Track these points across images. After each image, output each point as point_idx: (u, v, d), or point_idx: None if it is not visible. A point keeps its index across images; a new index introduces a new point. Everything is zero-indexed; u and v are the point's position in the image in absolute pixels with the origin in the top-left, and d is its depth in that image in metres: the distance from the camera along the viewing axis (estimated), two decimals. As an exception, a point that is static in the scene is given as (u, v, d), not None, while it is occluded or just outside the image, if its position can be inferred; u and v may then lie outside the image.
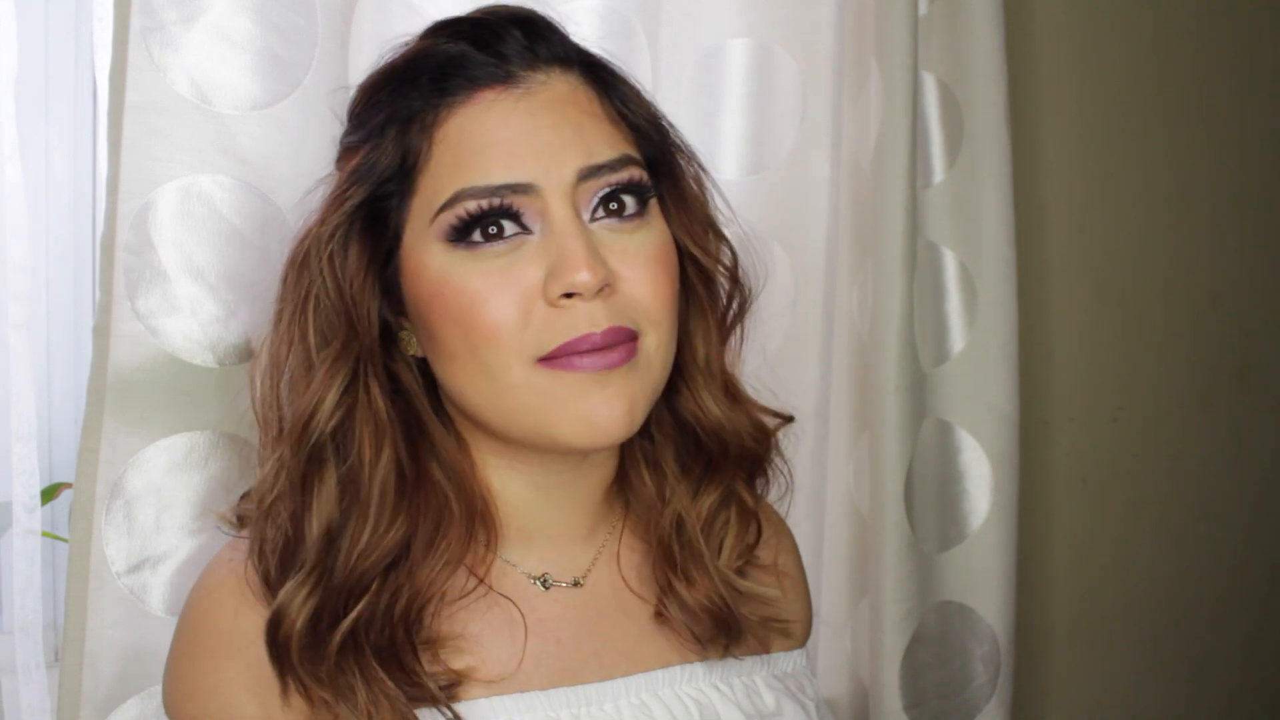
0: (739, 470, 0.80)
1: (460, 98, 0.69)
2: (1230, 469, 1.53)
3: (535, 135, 0.68)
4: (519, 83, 0.70)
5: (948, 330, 1.22)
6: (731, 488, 0.79)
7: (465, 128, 0.69)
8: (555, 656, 0.73)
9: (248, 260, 0.87)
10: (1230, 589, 1.54)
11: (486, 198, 0.67)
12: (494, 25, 0.71)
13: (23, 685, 0.91)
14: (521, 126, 0.68)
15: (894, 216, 1.13)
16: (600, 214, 0.70)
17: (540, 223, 0.68)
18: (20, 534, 0.90)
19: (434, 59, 0.71)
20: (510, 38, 0.70)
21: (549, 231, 0.68)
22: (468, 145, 0.68)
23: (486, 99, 0.69)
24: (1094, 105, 1.44)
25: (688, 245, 0.76)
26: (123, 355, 0.84)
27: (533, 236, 0.68)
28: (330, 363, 0.70)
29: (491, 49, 0.70)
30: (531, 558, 0.76)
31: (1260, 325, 1.54)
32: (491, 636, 0.72)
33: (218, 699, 0.67)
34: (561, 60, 0.72)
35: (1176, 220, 1.49)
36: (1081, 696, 1.48)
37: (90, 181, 1.15)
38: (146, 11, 0.83)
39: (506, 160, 0.68)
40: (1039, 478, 1.41)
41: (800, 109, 1.15)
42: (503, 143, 0.68)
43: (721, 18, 1.12)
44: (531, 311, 0.67)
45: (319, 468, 0.69)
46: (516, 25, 0.71)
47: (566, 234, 0.67)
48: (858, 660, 1.25)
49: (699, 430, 0.78)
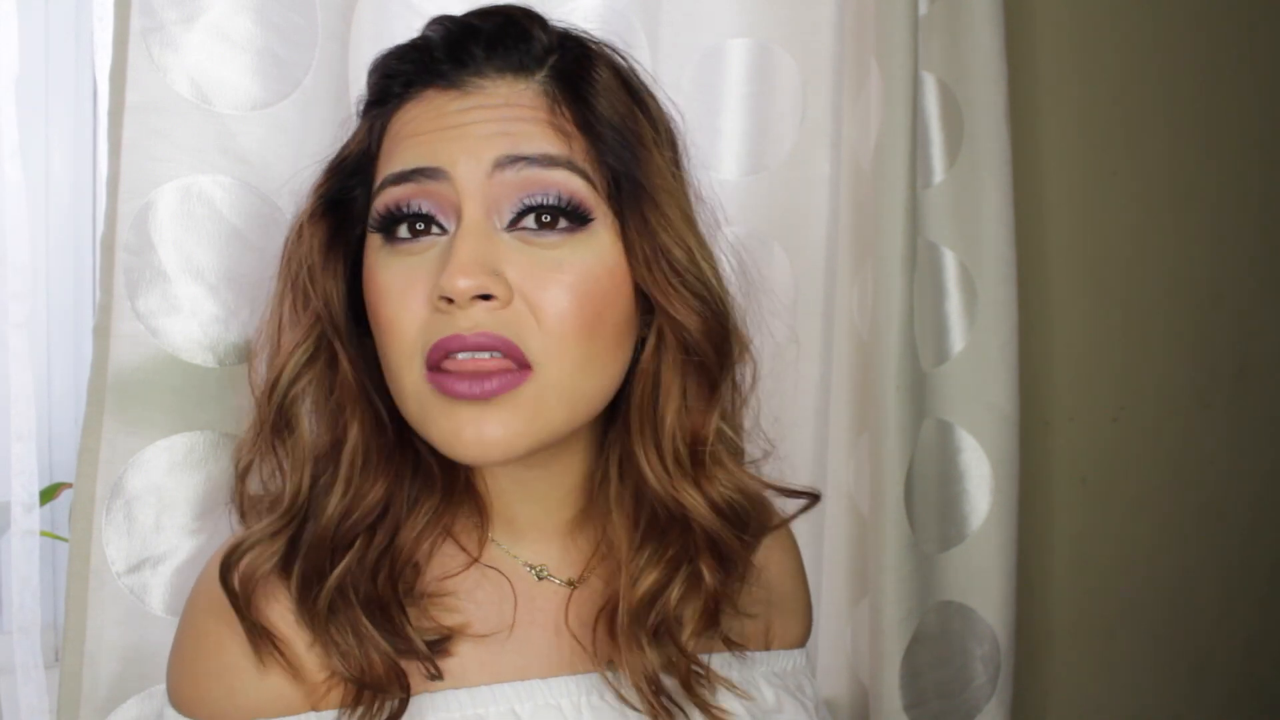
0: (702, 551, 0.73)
1: (412, 94, 0.70)
2: (1230, 469, 1.53)
3: (459, 128, 0.67)
4: (465, 85, 0.69)
5: (948, 330, 1.22)
6: (693, 567, 0.72)
7: (402, 119, 0.70)
8: (554, 644, 0.73)
9: (248, 260, 0.87)
10: (1230, 589, 1.54)
11: (398, 183, 0.67)
12: (466, 26, 0.71)
13: (22, 685, 0.91)
14: (448, 120, 0.68)
15: (894, 216, 1.13)
16: (527, 224, 0.66)
17: (454, 223, 0.67)
18: (19, 534, 0.90)
19: (404, 58, 0.72)
20: (473, 41, 0.70)
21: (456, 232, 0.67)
22: (399, 135, 0.69)
23: (432, 96, 0.69)
24: (1094, 105, 1.44)
25: (652, 292, 0.69)
26: (123, 355, 0.84)
27: (444, 237, 0.67)
28: (298, 333, 0.72)
29: (453, 50, 0.70)
30: (523, 548, 0.76)
31: (1260, 325, 1.54)
32: (484, 598, 0.73)
33: (222, 684, 0.67)
34: (518, 68, 0.70)
35: (1176, 220, 1.49)
36: (1081, 696, 1.48)
37: (90, 181, 1.15)
38: (146, 11, 0.83)
39: (424, 147, 0.68)
40: (1039, 478, 1.41)
41: (800, 109, 1.15)
42: (426, 132, 0.68)
43: (721, 18, 1.12)
44: (430, 316, 0.66)
45: (286, 430, 0.71)
46: (488, 28, 0.71)
47: (463, 235, 0.65)
48: (858, 660, 1.25)
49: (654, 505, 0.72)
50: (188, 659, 0.69)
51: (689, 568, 0.73)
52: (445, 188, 0.66)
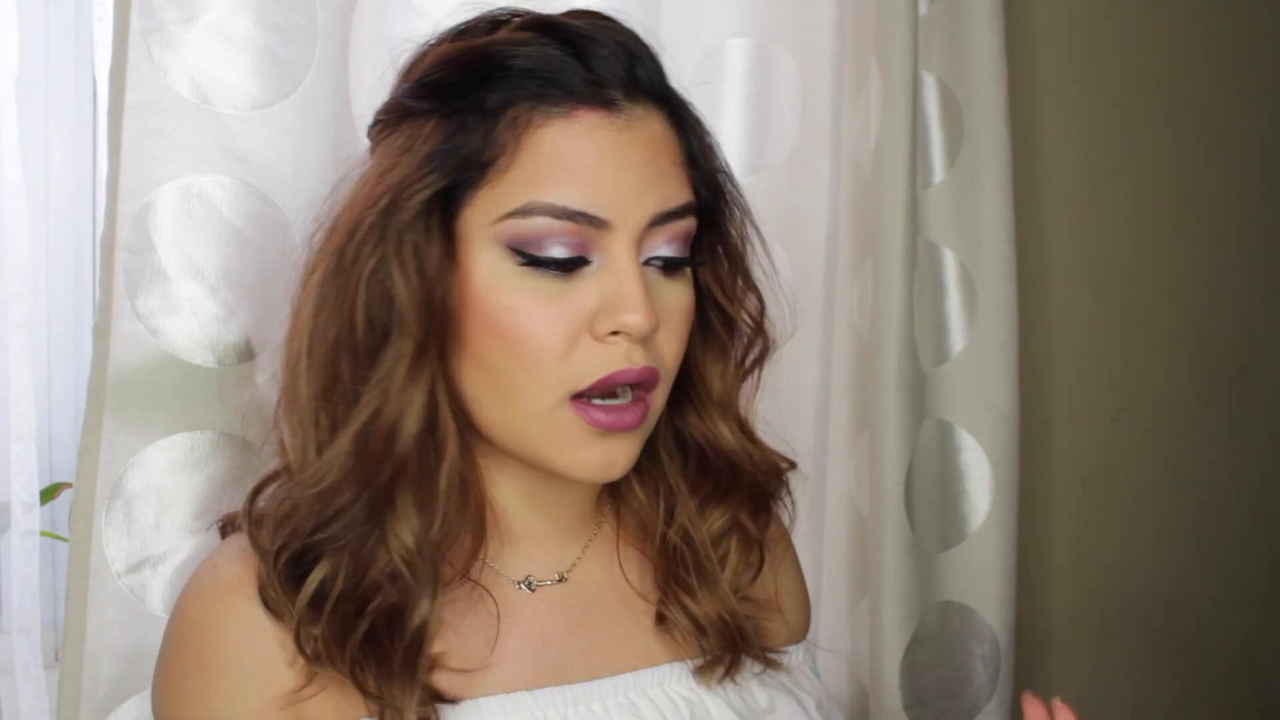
0: (747, 499, 0.79)
1: (561, 109, 0.67)
2: (1230, 469, 1.53)
3: (624, 172, 0.67)
4: (620, 113, 0.68)
5: (948, 330, 1.22)
6: (738, 516, 0.79)
7: (559, 142, 0.66)
8: (541, 655, 0.73)
9: (248, 260, 0.87)
10: (1230, 589, 1.54)
11: (559, 218, 0.66)
12: (599, 40, 0.69)
13: (21, 685, 0.91)
14: (615, 160, 0.67)
15: (894, 216, 1.13)
16: (654, 261, 0.69)
17: (600, 255, 0.67)
18: (19, 534, 0.90)
19: (534, 57, 0.67)
20: (615, 60, 0.68)
21: (607, 266, 0.67)
22: (558, 160, 0.66)
23: (587, 120, 0.67)
24: (1094, 105, 1.44)
25: (716, 294, 0.75)
26: (123, 355, 0.84)
27: (590, 266, 0.67)
28: (408, 366, 0.66)
29: (593, 67, 0.68)
30: (516, 561, 0.75)
31: (1260, 325, 1.54)
32: (469, 629, 0.71)
33: (204, 705, 0.66)
34: (657, 96, 0.70)
35: (1176, 220, 1.49)
36: (1081, 696, 1.47)
37: (90, 181, 1.15)
38: (146, 11, 0.83)
39: (591, 189, 0.66)
40: (1039, 478, 1.41)
41: (800, 109, 1.15)
42: (593, 169, 0.66)
43: (721, 18, 1.12)
44: (576, 344, 0.67)
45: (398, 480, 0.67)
46: (620, 47, 0.69)
47: (627, 274, 0.67)
48: (858, 660, 1.25)
49: (709, 452, 0.77)
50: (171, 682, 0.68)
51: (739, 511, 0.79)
52: (603, 234, 0.67)
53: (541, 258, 0.66)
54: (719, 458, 0.77)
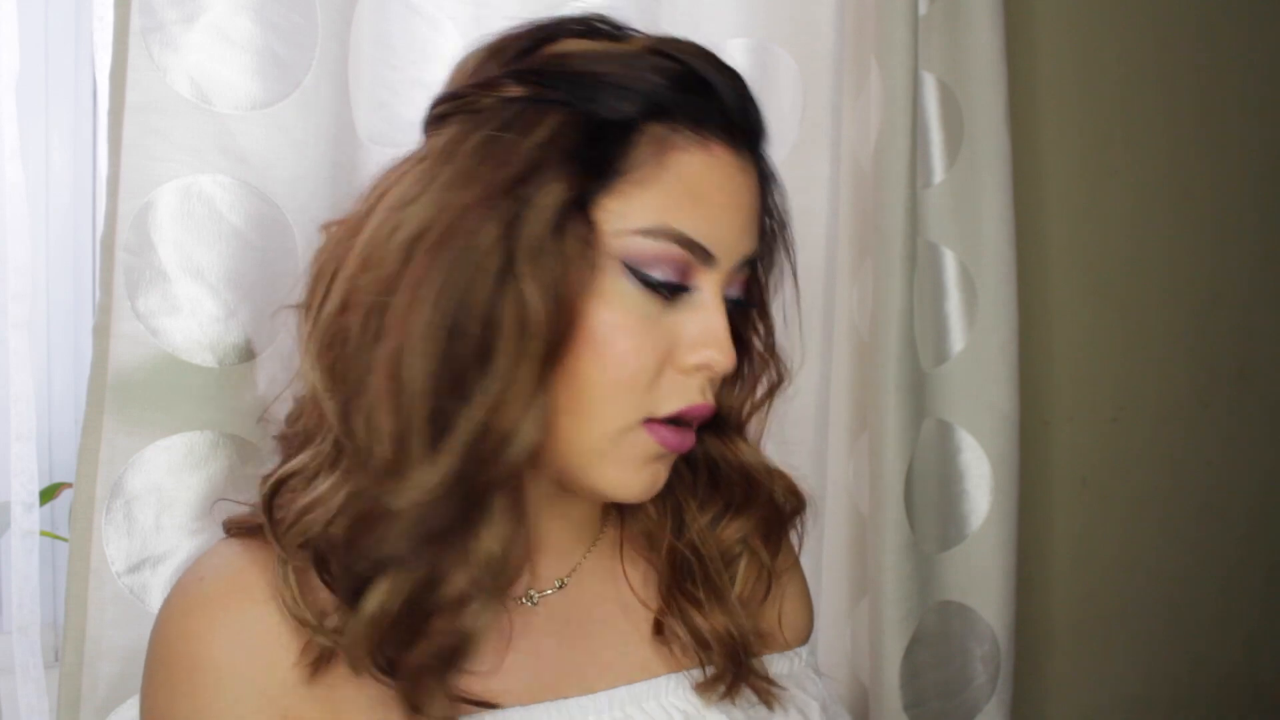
0: (762, 519, 0.78)
1: (699, 139, 0.67)
2: (1230, 469, 1.53)
3: (738, 213, 0.69)
4: (741, 153, 0.69)
5: (948, 330, 1.22)
6: (750, 538, 0.78)
7: (698, 170, 0.67)
8: (537, 670, 0.72)
9: (248, 260, 0.87)
10: (1230, 589, 1.54)
11: (681, 245, 0.66)
12: (726, 77, 0.69)
13: (21, 685, 0.91)
14: (734, 199, 0.68)
15: (894, 216, 1.13)
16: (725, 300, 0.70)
17: (695, 287, 0.68)
18: (19, 534, 0.90)
19: (680, 81, 0.67)
20: (741, 100, 0.69)
21: (698, 299, 0.68)
22: (694, 189, 0.66)
23: (722, 156, 0.68)
24: (1094, 105, 1.44)
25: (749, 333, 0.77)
26: (123, 355, 0.84)
27: (687, 295, 0.68)
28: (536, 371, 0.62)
29: (727, 103, 0.68)
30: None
31: (1260, 325, 1.54)
32: None
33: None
34: (760, 142, 0.72)
35: (1176, 220, 1.49)
36: (1081, 696, 1.48)
37: (90, 181, 1.15)
38: (146, 11, 0.83)
39: (713, 224, 0.67)
40: (1039, 478, 1.41)
41: (800, 109, 1.15)
42: (720, 205, 0.67)
43: (721, 17, 1.12)
44: (663, 372, 0.67)
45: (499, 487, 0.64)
46: (741, 88, 0.70)
47: (719, 311, 0.68)
48: (858, 660, 1.25)
49: (724, 467, 0.78)
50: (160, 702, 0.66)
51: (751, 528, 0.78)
52: (705, 268, 0.68)
53: (656, 280, 0.66)
54: (735, 472, 0.78)
